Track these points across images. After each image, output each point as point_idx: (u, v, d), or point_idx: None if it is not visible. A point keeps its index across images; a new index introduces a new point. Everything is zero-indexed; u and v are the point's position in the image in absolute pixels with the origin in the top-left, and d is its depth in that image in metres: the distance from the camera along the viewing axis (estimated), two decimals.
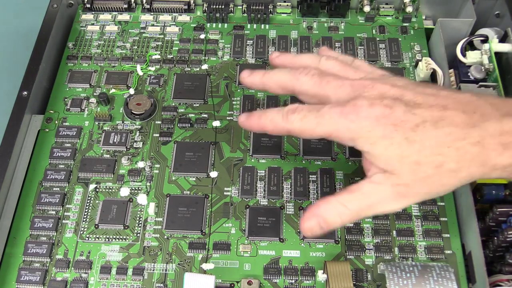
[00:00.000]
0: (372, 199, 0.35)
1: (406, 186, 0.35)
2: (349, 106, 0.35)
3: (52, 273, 0.42)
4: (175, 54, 0.55)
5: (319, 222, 0.36)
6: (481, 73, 0.50)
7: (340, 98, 0.37)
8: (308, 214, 0.37)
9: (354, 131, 0.35)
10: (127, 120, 0.50)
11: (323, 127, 0.36)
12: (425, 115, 0.34)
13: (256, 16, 0.57)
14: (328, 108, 0.36)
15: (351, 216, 0.36)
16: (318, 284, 0.42)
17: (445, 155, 0.33)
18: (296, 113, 0.37)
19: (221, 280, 0.42)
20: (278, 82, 0.41)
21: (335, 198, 0.36)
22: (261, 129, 0.40)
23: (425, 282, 0.38)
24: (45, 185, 0.47)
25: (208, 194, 0.46)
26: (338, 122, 0.35)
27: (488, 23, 0.56)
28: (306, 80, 0.39)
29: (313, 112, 0.37)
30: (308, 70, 0.39)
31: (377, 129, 0.34)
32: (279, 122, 0.38)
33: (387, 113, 0.34)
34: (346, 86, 0.37)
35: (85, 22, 0.58)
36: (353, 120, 0.35)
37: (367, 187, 0.36)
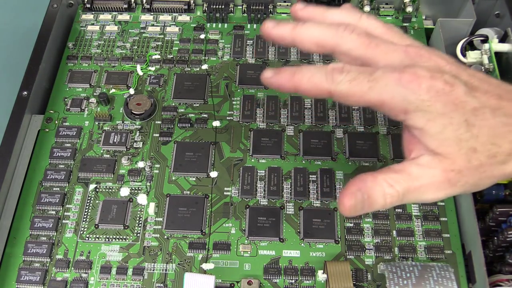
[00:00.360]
0: (421, 182, 0.32)
1: (458, 173, 0.31)
2: (408, 74, 0.31)
3: (52, 273, 0.42)
4: (175, 54, 0.55)
5: (364, 199, 0.32)
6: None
7: (392, 63, 0.33)
8: (352, 188, 0.32)
9: (411, 103, 0.31)
10: (127, 120, 0.50)
11: (376, 93, 0.31)
12: (484, 100, 0.31)
13: (256, 16, 0.57)
14: (383, 72, 0.31)
15: (396, 198, 0.32)
16: (318, 284, 0.42)
17: (499, 146, 0.31)
18: (344, 73, 0.32)
19: (221, 280, 0.42)
20: (316, 37, 0.34)
21: (381, 175, 0.32)
22: (293, 88, 0.34)
23: (425, 282, 0.38)
24: (45, 185, 0.47)
25: (208, 194, 0.46)
26: (394, 89, 0.31)
27: (488, 23, 0.56)
28: (353, 38, 0.33)
29: (365, 74, 0.32)
30: (353, 27, 0.34)
31: (437, 104, 0.31)
32: (321, 82, 0.33)
33: (448, 89, 0.31)
34: (399, 51, 0.33)
35: (85, 22, 0.58)
36: (414, 91, 0.31)
37: (414, 169, 0.32)
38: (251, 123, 0.50)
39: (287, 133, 0.49)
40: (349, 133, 0.49)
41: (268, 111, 0.51)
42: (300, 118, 0.50)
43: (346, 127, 0.50)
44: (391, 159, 0.47)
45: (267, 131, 0.49)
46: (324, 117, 0.50)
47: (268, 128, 0.50)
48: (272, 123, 0.50)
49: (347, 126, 0.50)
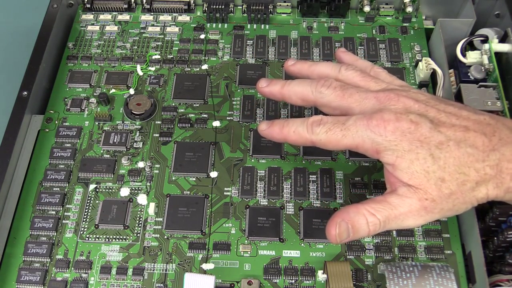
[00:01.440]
0: (400, 210, 0.35)
1: (432, 201, 0.35)
2: (375, 119, 0.36)
3: (52, 273, 0.42)
4: (175, 54, 0.55)
5: (348, 228, 0.35)
6: (481, 73, 0.50)
7: (364, 110, 0.37)
8: (336, 219, 0.36)
9: (380, 144, 0.36)
10: (127, 120, 0.50)
11: (349, 140, 0.37)
12: (449, 134, 0.35)
13: (256, 16, 0.57)
14: (354, 120, 0.37)
15: (378, 225, 0.35)
16: (318, 284, 0.42)
17: (466, 174, 0.34)
18: (321, 125, 0.38)
19: (221, 280, 0.42)
20: (299, 94, 0.41)
21: (363, 205, 0.36)
22: (283, 139, 0.40)
23: (425, 282, 0.38)
24: (45, 185, 0.47)
25: (208, 194, 0.46)
26: (364, 134, 0.36)
27: (488, 23, 0.56)
28: (329, 93, 0.39)
29: (338, 124, 0.37)
30: (330, 82, 0.39)
31: (403, 143, 0.35)
32: (303, 134, 0.39)
33: (413, 128, 0.35)
34: (370, 98, 0.37)
35: (85, 22, 0.58)
36: (380, 134, 0.35)
37: (394, 199, 0.35)
38: (251, 123, 0.50)
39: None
40: None
41: (268, 111, 0.51)
42: None
43: None
44: None
45: None
46: None
47: None
48: None
49: None
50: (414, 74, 0.53)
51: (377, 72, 0.42)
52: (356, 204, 0.36)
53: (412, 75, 0.53)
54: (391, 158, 0.35)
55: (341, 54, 0.45)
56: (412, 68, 0.53)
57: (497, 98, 0.47)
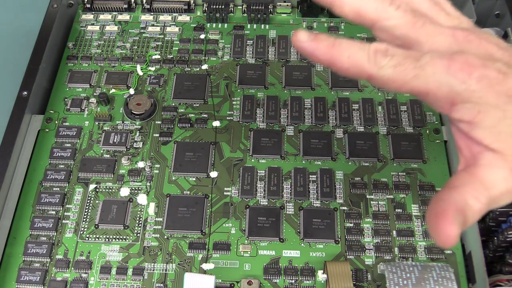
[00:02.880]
0: (499, 189, 0.28)
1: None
2: (458, 62, 0.28)
3: (52, 273, 0.42)
4: (175, 54, 0.55)
5: (462, 221, 0.28)
6: None
7: (437, 48, 0.30)
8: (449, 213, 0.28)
9: (459, 94, 0.28)
10: (127, 120, 0.50)
11: (422, 82, 0.28)
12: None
13: (256, 16, 0.57)
14: (430, 58, 0.28)
15: (484, 211, 0.28)
16: (318, 284, 0.42)
17: None
18: (389, 57, 0.29)
19: (221, 280, 0.42)
20: (357, 5, 0.31)
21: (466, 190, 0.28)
22: (329, 61, 0.30)
23: (425, 282, 0.38)
24: (45, 185, 0.47)
25: (208, 194, 0.46)
26: (442, 78, 0.28)
27: (488, 23, 0.56)
28: (398, 15, 0.30)
29: (411, 60, 0.29)
30: (400, 2, 0.30)
31: (490, 96, 0.28)
32: (363, 63, 0.29)
33: (501, 79, 0.28)
34: (446, 34, 0.30)
35: (85, 22, 0.58)
36: (464, 81, 0.28)
37: (485, 172, 0.28)
38: (251, 123, 0.50)
39: (287, 133, 0.49)
40: (349, 133, 0.49)
41: (268, 111, 0.51)
42: (300, 118, 0.50)
43: (346, 127, 0.50)
44: (391, 159, 0.47)
45: (267, 131, 0.49)
46: (324, 117, 0.50)
47: (268, 128, 0.50)
48: (272, 123, 0.50)
49: (347, 126, 0.50)
50: None
51: (446, 3, 0.33)
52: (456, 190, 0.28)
53: None
54: (471, 113, 0.28)
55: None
56: None
57: None
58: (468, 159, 0.29)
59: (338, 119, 0.50)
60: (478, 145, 0.28)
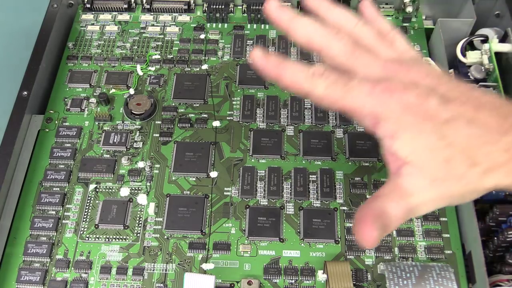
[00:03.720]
0: (418, 197, 0.31)
1: (444, 182, 0.31)
2: (381, 86, 0.32)
3: (52, 273, 0.42)
4: (175, 54, 0.55)
5: (381, 226, 0.31)
6: (481, 73, 0.50)
7: (369, 76, 0.34)
8: (368, 220, 0.31)
9: (380, 112, 0.32)
10: (127, 120, 0.50)
11: (348, 101, 0.33)
12: (460, 111, 0.31)
13: (256, 16, 0.57)
14: (358, 82, 0.33)
15: (402, 219, 0.31)
16: (318, 284, 0.42)
17: (475, 157, 0.31)
18: (323, 78, 0.33)
19: (221, 280, 0.42)
20: (306, 34, 0.36)
21: (386, 198, 0.32)
22: (275, 78, 0.35)
23: (425, 282, 0.38)
24: (45, 185, 0.47)
25: (208, 194, 0.46)
26: (366, 99, 0.32)
27: (488, 23, 0.56)
28: (338, 45, 0.35)
29: (341, 81, 0.33)
30: (342, 36, 0.35)
31: (407, 116, 0.31)
32: (301, 82, 0.34)
33: (419, 102, 0.31)
34: (378, 65, 0.34)
35: (85, 22, 0.58)
36: (384, 102, 0.32)
37: (405, 183, 0.31)
38: (251, 123, 0.50)
39: (287, 133, 0.49)
40: (349, 133, 0.49)
41: (268, 111, 0.51)
42: (300, 118, 0.50)
43: (346, 127, 0.50)
44: None
45: (267, 131, 0.49)
46: (324, 117, 0.50)
47: (268, 128, 0.50)
48: (272, 123, 0.50)
49: (347, 126, 0.50)
50: None
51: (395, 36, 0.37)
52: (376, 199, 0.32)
53: None
54: (390, 130, 0.31)
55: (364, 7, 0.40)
56: None
57: None
58: (393, 171, 0.32)
59: (338, 119, 0.50)
60: (399, 159, 0.31)
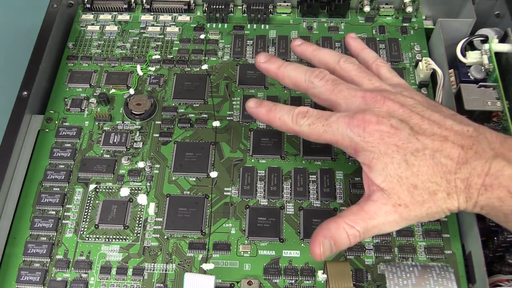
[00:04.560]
0: (378, 220, 0.36)
1: (406, 207, 0.35)
2: (357, 119, 0.37)
3: (52, 273, 0.42)
4: (175, 54, 0.55)
5: (331, 244, 0.36)
6: (481, 73, 0.50)
7: (350, 108, 0.39)
8: (319, 238, 0.36)
9: (357, 144, 0.37)
10: (127, 120, 0.50)
11: (329, 135, 0.38)
12: (427, 143, 0.35)
13: (256, 16, 0.57)
14: (336, 118, 0.38)
15: (359, 237, 0.36)
16: (318, 284, 0.42)
17: (438, 184, 0.35)
18: (305, 118, 0.39)
19: (221, 280, 0.42)
20: (293, 79, 0.42)
21: (342, 219, 0.36)
22: (268, 122, 0.42)
23: (425, 282, 0.38)
24: (45, 185, 0.47)
25: (208, 194, 0.46)
26: (344, 132, 0.37)
27: (488, 23, 0.56)
28: (320, 84, 0.41)
29: (321, 119, 0.39)
30: (324, 75, 0.41)
31: (380, 146, 0.36)
32: (288, 123, 0.40)
33: (392, 132, 0.36)
34: (357, 97, 0.39)
35: (85, 22, 0.58)
36: (359, 134, 0.37)
37: (370, 206, 0.36)
38: (251, 123, 0.50)
39: (287, 133, 0.49)
40: None
41: None
42: None
43: None
44: None
45: (267, 131, 0.49)
46: None
47: (268, 128, 0.50)
48: None
49: None
50: (414, 74, 0.53)
51: (379, 66, 0.43)
52: (334, 219, 0.37)
53: (412, 75, 0.53)
54: (367, 159, 0.36)
55: (350, 40, 0.46)
56: (412, 68, 0.53)
57: (497, 98, 0.47)
58: (366, 195, 0.37)
59: None
60: (374, 185, 0.36)
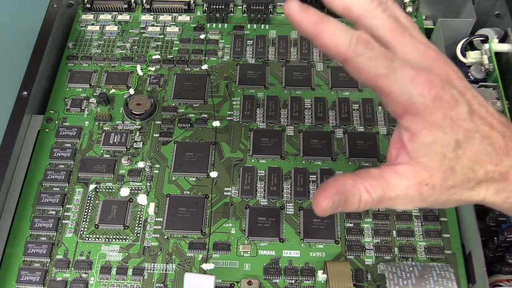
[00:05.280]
0: (396, 192, 0.32)
1: (431, 189, 0.32)
2: (424, 76, 0.30)
3: (52, 273, 0.42)
4: (175, 54, 0.55)
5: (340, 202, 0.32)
6: (481, 73, 0.50)
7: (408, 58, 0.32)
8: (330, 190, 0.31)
9: (415, 105, 0.30)
10: (127, 120, 0.50)
11: (388, 82, 0.31)
12: (478, 125, 0.32)
13: (256, 16, 0.57)
14: (401, 64, 0.31)
15: (370, 204, 0.32)
16: (318, 284, 0.42)
17: (475, 173, 0.32)
18: (369, 48, 0.31)
19: (221, 280, 0.42)
20: (346, 2, 0.34)
21: (361, 180, 0.32)
22: (313, 34, 0.32)
23: (425, 282, 0.38)
24: (45, 185, 0.47)
25: (208, 194, 0.46)
26: (405, 85, 0.30)
27: (488, 23, 0.56)
28: (382, 16, 0.32)
29: (386, 58, 0.31)
30: (386, 7, 0.33)
31: (438, 116, 0.30)
32: (343, 44, 0.31)
33: (452, 104, 0.31)
34: (419, 50, 0.32)
35: (85, 22, 0.58)
36: (423, 94, 0.30)
37: (393, 177, 0.32)
38: (251, 123, 0.50)
39: (287, 133, 0.49)
40: (349, 133, 0.49)
41: (268, 111, 0.51)
42: (300, 118, 0.50)
43: (346, 127, 0.50)
44: None
45: (267, 131, 0.49)
46: (324, 117, 0.50)
47: (268, 128, 0.50)
48: (272, 123, 0.50)
49: (347, 126, 0.50)
50: None
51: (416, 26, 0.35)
52: (352, 177, 0.32)
53: None
54: (417, 126, 0.31)
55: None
56: None
57: (497, 98, 0.47)
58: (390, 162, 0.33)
59: (338, 119, 0.50)
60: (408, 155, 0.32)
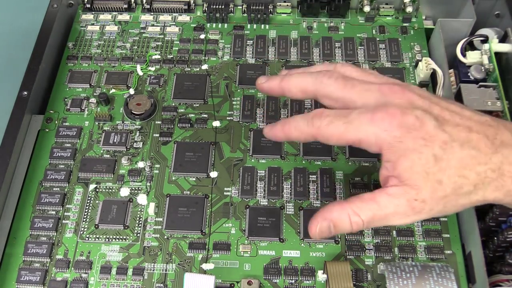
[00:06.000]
0: (386, 211, 0.34)
1: (422, 202, 0.34)
2: (380, 113, 0.34)
3: (52, 273, 0.42)
4: (175, 54, 0.55)
5: (330, 226, 0.35)
6: (481, 73, 0.50)
7: (367, 103, 0.35)
8: (318, 218, 0.36)
9: (384, 140, 0.34)
10: (127, 120, 0.50)
11: (352, 134, 0.35)
12: (453, 134, 0.33)
13: (256, 16, 0.57)
14: (357, 113, 0.35)
15: (362, 225, 0.35)
16: (318, 284, 0.42)
17: (466, 178, 0.33)
18: (322, 118, 0.36)
19: (221, 280, 0.42)
20: (299, 85, 0.39)
21: (349, 205, 0.35)
22: (286, 137, 0.39)
23: (425, 282, 0.38)
24: (45, 185, 0.47)
25: (208, 194, 0.46)
26: (368, 129, 0.34)
27: (488, 23, 0.56)
28: (330, 82, 0.37)
29: (340, 117, 0.35)
30: (332, 73, 0.38)
31: (408, 141, 0.33)
32: (304, 128, 0.37)
33: (418, 125, 0.33)
34: (373, 90, 0.36)
35: (85, 22, 0.58)
36: (385, 129, 0.33)
37: (383, 199, 0.34)
38: (251, 123, 0.50)
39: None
40: None
41: (268, 111, 0.51)
42: None
43: None
44: None
45: None
46: None
47: None
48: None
49: None
50: (414, 74, 0.53)
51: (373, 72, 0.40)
52: (341, 203, 0.35)
53: (412, 75, 0.53)
54: (395, 156, 0.34)
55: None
56: (412, 68, 0.53)
57: (497, 98, 0.47)
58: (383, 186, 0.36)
59: None
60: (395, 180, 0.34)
